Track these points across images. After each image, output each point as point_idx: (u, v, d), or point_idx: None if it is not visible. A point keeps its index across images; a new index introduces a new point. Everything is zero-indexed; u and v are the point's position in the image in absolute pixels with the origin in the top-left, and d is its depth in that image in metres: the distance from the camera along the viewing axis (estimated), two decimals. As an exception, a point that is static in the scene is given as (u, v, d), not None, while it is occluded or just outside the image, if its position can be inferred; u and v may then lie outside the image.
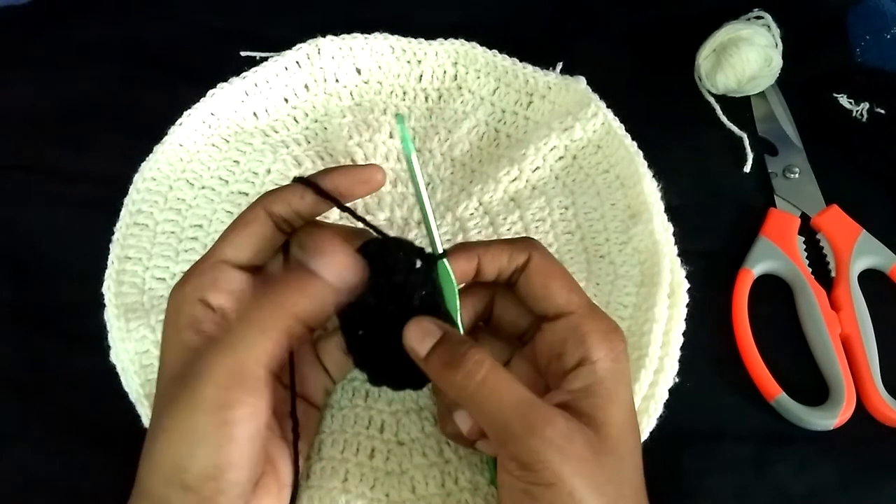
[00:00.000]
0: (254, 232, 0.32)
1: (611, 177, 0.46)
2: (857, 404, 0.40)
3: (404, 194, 0.46)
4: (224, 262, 0.32)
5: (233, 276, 0.32)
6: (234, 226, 0.32)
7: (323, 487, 0.35)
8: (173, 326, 0.31)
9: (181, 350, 0.30)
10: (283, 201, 0.32)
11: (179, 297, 0.31)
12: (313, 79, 0.49)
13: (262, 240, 0.32)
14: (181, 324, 0.30)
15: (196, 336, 0.30)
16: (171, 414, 0.27)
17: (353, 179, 0.32)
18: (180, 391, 0.27)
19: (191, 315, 0.30)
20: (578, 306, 0.31)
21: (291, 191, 0.32)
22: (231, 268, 0.32)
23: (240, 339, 0.27)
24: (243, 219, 0.32)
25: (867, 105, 0.51)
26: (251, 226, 0.32)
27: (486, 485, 0.36)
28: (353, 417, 0.38)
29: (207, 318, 0.31)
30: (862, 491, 0.39)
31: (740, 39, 0.49)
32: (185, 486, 0.26)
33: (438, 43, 0.50)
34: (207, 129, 0.46)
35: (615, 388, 0.30)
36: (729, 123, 0.50)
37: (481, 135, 0.48)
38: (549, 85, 0.48)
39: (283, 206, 0.32)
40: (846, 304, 0.43)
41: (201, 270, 0.31)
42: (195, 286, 0.31)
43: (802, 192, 0.47)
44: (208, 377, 0.27)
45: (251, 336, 0.27)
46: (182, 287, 0.31)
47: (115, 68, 0.52)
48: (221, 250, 0.32)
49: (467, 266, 0.32)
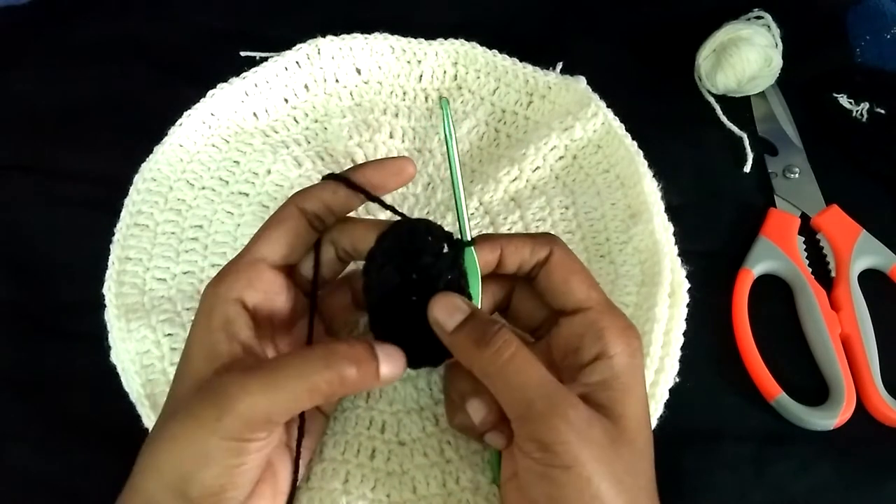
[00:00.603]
0: (288, 230, 0.32)
1: (611, 177, 0.46)
2: (857, 404, 0.40)
3: (404, 194, 0.46)
4: (261, 260, 0.31)
5: (268, 277, 0.32)
6: (269, 224, 0.32)
7: (324, 489, 0.35)
8: (205, 326, 0.30)
9: (210, 353, 0.29)
10: (316, 198, 0.32)
11: (213, 297, 0.30)
12: (313, 79, 0.49)
13: (296, 237, 0.32)
14: (214, 324, 0.30)
15: (228, 341, 0.29)
16: (185, 426, 0.27)
17: (385, 172, 0.33)
18: (201, 407, 0.27)
19: (224, 315, 0.30)
20: (597, 302, 0.32)
21: (323, 187, 0.32)
22: (267, 267, 0.31)
23: (279, 385, 0.27)
24: (277, 217, 0.32)
25: (867, 105, 0.51)
26: (285, 223, 0.32)
27: (487, 484, 0.36)
28: (354, 418, 0.38)
29: (241, 320, 0.30)
30: (862, 491, 0.39)
31: (740, 39, 0.49)
32: (186, 498, 0.27)
33: (438, 43, 0.50)
34: (207, 130, 0.46)
35: (632, 383, 0.30)
36: (729, 123, 0.50)
37: (481, 135, 0.48)
38: (549, 85, 0.48)
39: (315, 203, 0.32)
40: (846, 304, 0.43)
41: (237, 269, 0.31)
42: (230, 285, 0.31)
43: (802, 192, 0.47)
44: (235, 412, 0.26)
45: (290, 386, 0.27)
46: (216, 286, 0.31)
47: (115, 68, 0.52)
48: (257, 249, 0.32)
49: (491, 256, 0.32)
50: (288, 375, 0.27)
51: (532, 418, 0.28)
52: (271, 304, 0.32)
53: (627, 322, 0.32)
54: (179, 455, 0.27)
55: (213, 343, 0.29)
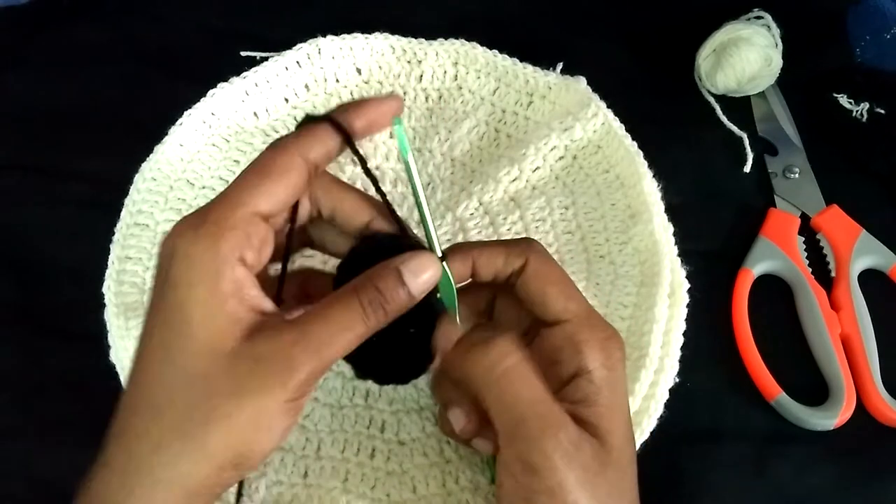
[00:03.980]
0: (290, 183, 0.28)
1: (611, 177, 0.46)
2: (857, 404, 0.40)
3: (404, 194, 0.46)
4: (258, 214, 0.28)
5: (262, 230, 0.28)
6: (264, 173, 0.28)
7: (323, 487, 0.35)
8: (211, 291, 0.26)
9: (229, 322, 0.26)
10: (322, 146, 0.29)
11: (214, 257, 0.26)
12: (314, 79, 0.49)
13: (295, 192, 0.29)
14: (224, 290, 0.26)
15: (244, 309, 0.27)
16: (239, 402, 0.25)
17: (378, 112, 0.31)
18: (251, 379, 0.26)
19: (235, 280, 0.26)
20: (575, 314, 0.30)
21: (325, 134, 0.29)
22: (261, 220, 0.28)
23: (333, 342, 0.27)
24: (278, 166, 0.28)
25: (867, 105, 0.51)
26: (290, 176, 0.28)
27: (486, 484, 0.36)
28: (354, 417, 0.38)
29: (251, 284, 0.27)
30: (862, 491, 0.39)
31: (740, 39, 0.49)
32: (238, 471, 0.26)
33: (438, 43, 0.50)
34: (208, 129, 0.46)
35: (613, 398, 0.30)
36: (729, 123, 0.50)
37: (481, 135, 0.48)
38: (549, 85, 0.48)
39: (322, 152, 0.29)
40: (846, 304, 0.43)
41: (235, 224, 0.27)
42: (234, 245, 0.27)
43: (802, 192, 0.47)
44: (301, 376, 0.26)
45: (340, 340, 0.27)
46: (216, 244, 0.26)
47: (115, 68, 0.52)
48: (252, 201, 0.27)
49: (462, 267, 0.31)
50: (337, 330, 0.27)
51: (521, 438, 0.28)
52: (259, 260, 0.29)
53: (608, 332, 0.31)
54: (239, 432, 0.26)
55: (230, 311, 0.26)
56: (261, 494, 0.36)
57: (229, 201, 0.27)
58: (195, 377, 0.26)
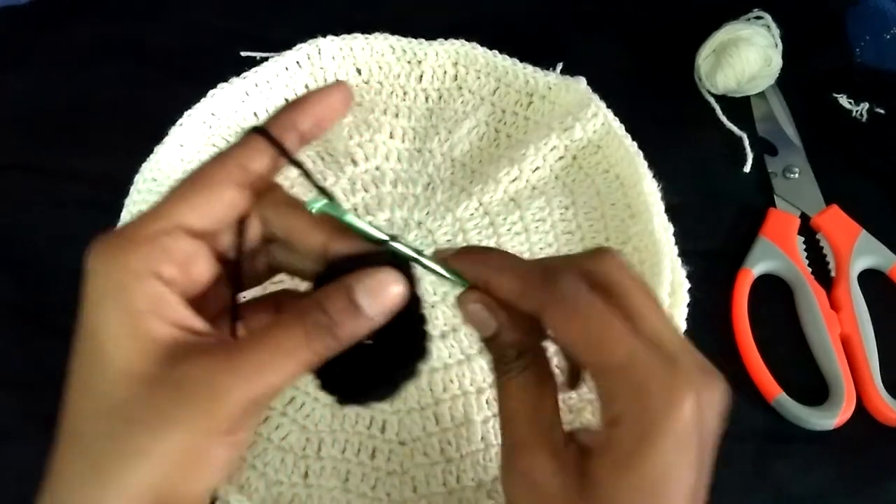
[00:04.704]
0: (224, 197, 0.25)
1: (611, 177, 0.46)
2: (857, 404, 0.40)
3: (404, 194, 0.46)
4: (180, 227, 0.25)
5: (187, 245, 0.25)
6: (195, 186, 0.25)
7: (323, 487, 0.35)
8: (122, 309, 0.23)
9: (145, 343, 0.23)
10: (265, 157, 0.26)
11: (122, 271, 0.23)
12: (314, 79, 0.49)
13: (231, 207, 0.26)
14: (138, 307, 0.23)
15: (164, 326, 0.24)
16: (156, 432, 0.22)
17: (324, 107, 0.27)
18: (170, 408, 0.23)
19: (148, 296, 0.23)
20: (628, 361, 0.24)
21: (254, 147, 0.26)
22: (184, 235, 0.25)
23: (265, 366, 0.23)
24: (209, 179, 0.25)
25: (867, 105, 0.51)
26: (222, 189, 0.25)
27: (488, 482, 0.36)
28: (355, 417, 0.38)
29: (172, 300, 0.24)
30: (862, 491, 0.39)
31: (740, 39, 0.49)
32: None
33: (438, 43, 0.50)
34: (208, 130, 0.46)
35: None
36: (729, 123, 0.50)
37: (481, 135, 0.48)
38: (549, 85, 0.48)
39: (263, 164, 0.26)
40: (846, 304, 0.43)
41: (148, 237, 0.24)
42: (145, 257, 0.24)
43: (802, 192, 0.47)
44: (230, 403, 0.23)
45: (278, 363, 0.23)
46: (123, 255, 0.24)
47: (115, 68, 0.52)
48: (176, 213, 0.25)
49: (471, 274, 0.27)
50: (276, 349, 0.24)
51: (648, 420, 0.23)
52: (186, 277, 0.25)
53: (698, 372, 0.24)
54: (160, 470, 0.22)
55: (146, 332, 0.23)
56: (260, 494, 0.36)
57: (150, 214, 0.25)
58: (113, 406, 0.23)
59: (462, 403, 0.38)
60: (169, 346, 0.23)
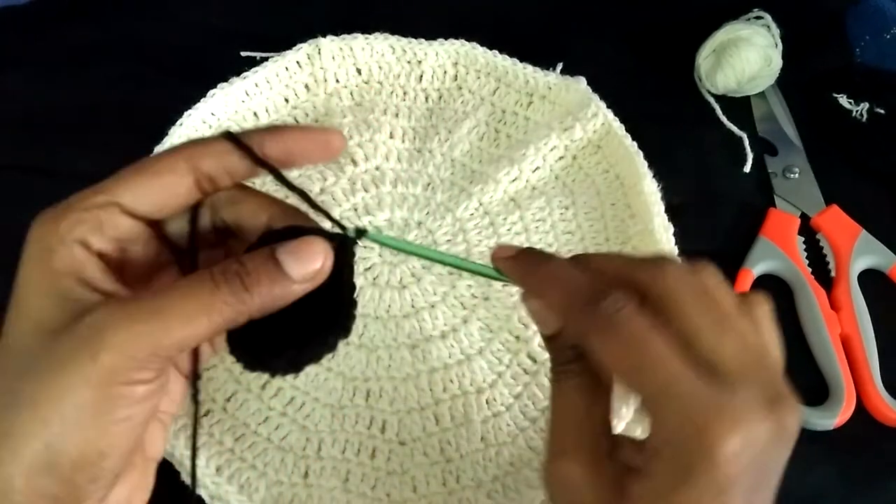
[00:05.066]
0: (166, 184, 0.26)
1: (611, 177, 0.46)
2: (857, 404, 0.40)
3: (404, 194, 0.46)
4: (114, 204, 0.25)
5: (122, 222, 0.25)
6: (140, 170, 0.26)
7: (323, 487, 0.35)
8: (43, 268, 0.24)
9: (59, 299, 0.24)
10: (216, 158, 0.26)
11: (51, 235, 0.25)
12: (314, 79, 0.49)
13: (173, 196, 0.26)
14: (57, 267, 0.24)
15: (81, 287, 0.24)
16: (47, 382, 0.22)
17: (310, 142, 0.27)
18: (68, 353, 0.22)
19: (70, 259, 0.24)
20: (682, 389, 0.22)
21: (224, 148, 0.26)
22: (120, 213, 0.25)
23: (168, 309, 0.23)
24: (154, 166, 0.26)
25: (867, 105, 0.51)
26: (164, 177, 0.26)
27: (488, 482, 0.36)
28: (355, 417, 0.38)
29: (94, 267, 0.24)
30: (862, 491, 0.39)
31: (740, 39, 0.49)
32: (55, 473, 0.22)
33: (438, 43, 0.50)
34: (208, 130, 0.46)
35: None
36: (729, 123, 0.50)
37: (481, 135, 0.48)
38: (549, 85, 0.48)
39: (214, 164, 0.26)
40: (846, 304, 0.43)
41: (84, 207, 0.25)
42: (73, 224, 0.25)
43: (802, 192, 0.47)
44: (115, 347, 0.22)
45: (183, 308, 0.23)
46: (55, 222, 0.25)
47: (115, 68, 0.52)
48: (115, 192, 0.25)
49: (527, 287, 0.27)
50: (179, 296, 0.23)
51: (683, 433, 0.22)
52: (123, 254, 0.26)
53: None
54: (43, 420, 0.22)
55: (62, 289, 0.24)
56: (261, 494, 0.36)
57: (92, 189, 0.26)
58: (18, 358, 0.23)
59: (462, 403, 0.38)
60: (82, 306, 0.23)
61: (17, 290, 0.24)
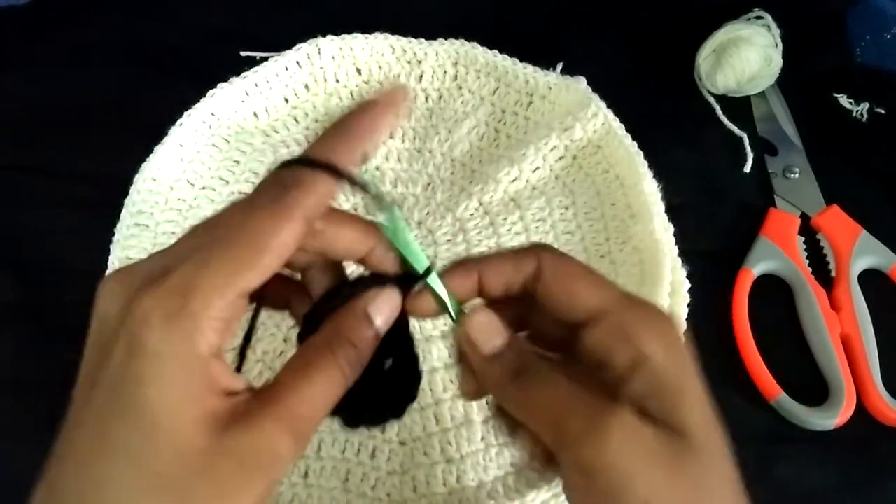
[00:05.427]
0: (288, 251, 0.23)
1: (611, 177, 0.46)
2: (857, 404, 0.40)
3: (404, 194, 0.46)
4: (245, 295, 0.23)
5: (243, 310, 0.24)
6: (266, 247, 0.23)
7: (323, 487, 0.35)
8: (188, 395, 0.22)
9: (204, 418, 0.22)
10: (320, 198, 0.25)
11: (194, 357, 0.22)
12: (314, 79, 0.49)
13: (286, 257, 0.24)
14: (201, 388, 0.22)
15: (218, 399, 0.22)
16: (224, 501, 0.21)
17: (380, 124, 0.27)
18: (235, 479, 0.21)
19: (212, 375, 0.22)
20: (612, 302, 0.26)
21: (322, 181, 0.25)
22: (246, 299, 0.23)
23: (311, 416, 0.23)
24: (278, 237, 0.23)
25: (867, 105, 0.51)
26: (288, 246, 0.23)
27: (488, 482, 0.36)
28: (354, 417, 0.38)
29: (220, 370, 0.23)
30: (862, 491, 0.39)
31: (740, 39, 0.49)
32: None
33: (438, 43, 0.50)
34: (208, 130, 0.46)
35: (682, 383, 0.25)
36: (729, 123, 0.50)
37: (481, 135, 0.48)
38: (549, 85, 0.48)
39: (319, 206, 0.25)
40: (846, 304, 0.43)
41: (217, 314, 0.22)
42: (214, 339, 0.22)
43: (802, 192, 0.47)
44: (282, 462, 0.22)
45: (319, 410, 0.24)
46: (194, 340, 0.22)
47: (115, 68, 0.52)
48: (246, 281, 0.22)
49: (466, 283, 0.27)
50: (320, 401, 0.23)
51: (568, 442, 0.24)
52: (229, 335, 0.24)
53: (654, 310, 0.26)
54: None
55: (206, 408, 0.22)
56: (261, 494, 0.36)
57: (213, 281, 0.22)
58: (169, 483, 0.21)
59: (462, 403, 0.38)
60: (221, 415, 0.22)
61: (146, 410, 0.21)
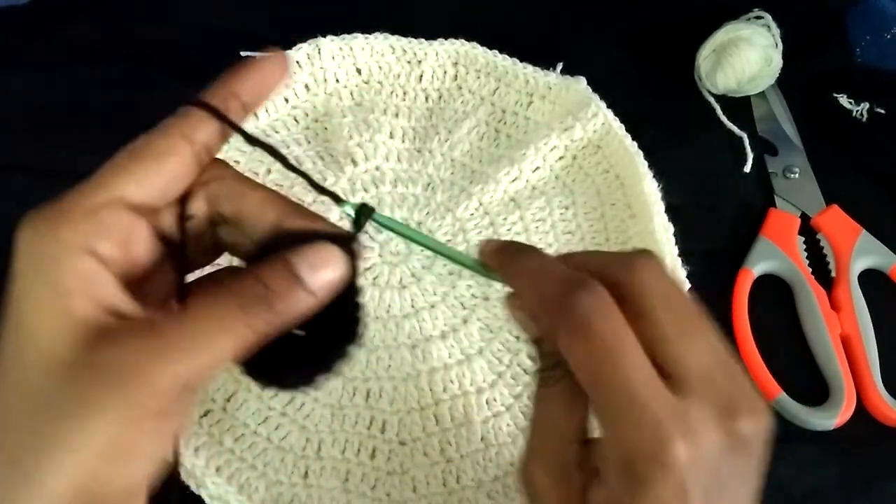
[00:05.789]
0: (172, 169, 0.24)
1: (611, 177, 0.46)
2: (857, 404, 0.40)
3: (404, 194, 0.46)
4: (120, 199, 0.23)
5: (126, 220, 0.23)
6: (139, 155, 0.24)
7: (323, 487, 0.35)
8: (52, 289, 0.21)
9: (72, 326, 0.21)
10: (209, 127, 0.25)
11: (56, 247, 0.22)
12: (313, 79, 0.49)
13: (178, 178, 0.24)
14: (67, 286, 0.21)
15: (93, 309, 0.21)
16: (70, 421, 0.20)
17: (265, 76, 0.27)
18: (86, 392, 0.20)
19: (81, 274, 0.21)
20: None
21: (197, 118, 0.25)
22: (125, 209, 0.23)
23: (196, 345, 0.21)
24: (153, 148, 0.24)
25: (867, 105, 0.51)
26: (169, 160, 0.24)
27: (488, 482, 0.36)
28: (355, 417, 0.38)
29: (106, 280, 0.22)
30: (862, 491, 0.39)
31: (740, 39, 0.49)
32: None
33: (438, 43, 0.50)
34: (207, 129, 0.46)
35: None
36: (729, 123, 0.50)
37: (481, 135, 0.48)
38: (549, 85, 0.48)
39: (208, 134, 0.25)
40: (846, 304, 0.43)
41: (89, 209, 0.22)
42: (81, 231, 0.22)
43: (802, 192, 0.47)
44: (141, 384, 0.21)
45: (210, 342, 0.21)
46: (58, 229, 0.22)
47: (115, 68, 0.51)
48: (121, 186, 0.23)
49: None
50: (204, 324, 0.22)
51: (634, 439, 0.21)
52: (125, 256, 0.23)
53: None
54: (83, 463, 0.20)
55: (73, 311, 0.21)
56: (260, 494, 0.36)
57: (89, 185, 0.23)
58: (31, 394, 0.21)
59: (462, 403, 0.38)
60: (95, 329, 0.21)
61: (16, 311, 0.21)
